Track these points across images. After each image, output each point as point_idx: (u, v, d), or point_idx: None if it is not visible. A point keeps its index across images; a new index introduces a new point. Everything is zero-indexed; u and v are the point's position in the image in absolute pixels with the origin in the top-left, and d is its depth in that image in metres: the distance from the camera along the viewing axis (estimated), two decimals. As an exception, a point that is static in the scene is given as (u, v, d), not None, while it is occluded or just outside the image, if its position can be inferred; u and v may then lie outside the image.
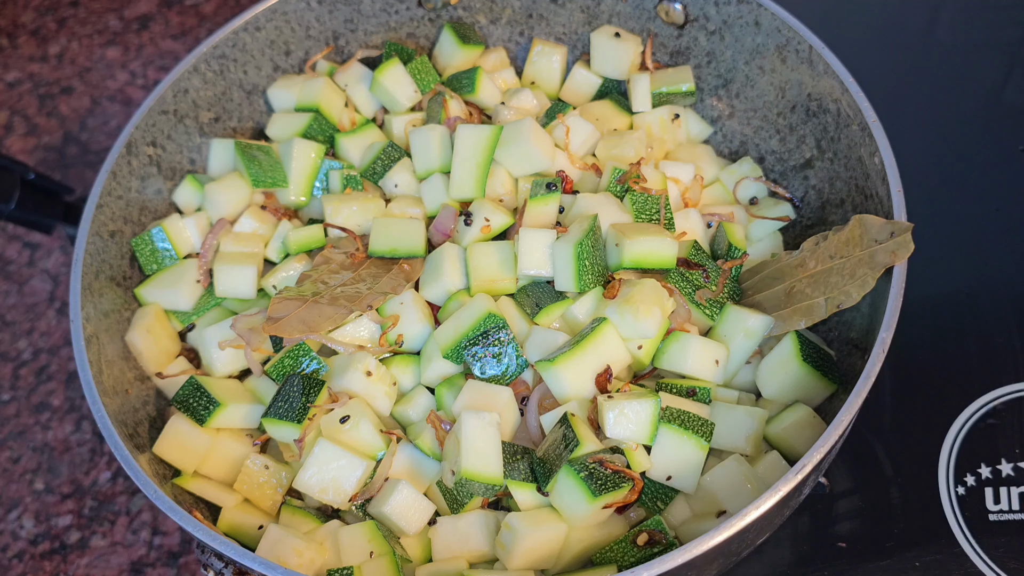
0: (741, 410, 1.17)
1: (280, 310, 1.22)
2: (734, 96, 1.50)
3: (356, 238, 1.35)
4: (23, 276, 1.86)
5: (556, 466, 1.09)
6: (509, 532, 1.10)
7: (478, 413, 1.12)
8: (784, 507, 1.07)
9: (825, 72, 1.31)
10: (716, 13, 1.45)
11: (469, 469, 1.09)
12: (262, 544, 1.12)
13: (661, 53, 1.55)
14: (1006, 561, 1.27)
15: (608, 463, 1.09)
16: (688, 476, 1.14)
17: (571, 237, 1.21)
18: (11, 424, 1.66)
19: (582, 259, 1.19)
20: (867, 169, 1.24)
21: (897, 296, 1.09)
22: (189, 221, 1.40)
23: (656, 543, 1.09)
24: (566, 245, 1.20)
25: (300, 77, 1.55)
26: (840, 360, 1.23)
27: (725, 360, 1.22)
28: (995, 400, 1.40)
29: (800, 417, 1.17)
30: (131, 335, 1.31)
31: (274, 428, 1.19)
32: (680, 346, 1.21)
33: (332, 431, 1.17)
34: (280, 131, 1.50)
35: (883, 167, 1.19)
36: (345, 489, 1.15)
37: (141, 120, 1.40)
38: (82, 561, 1.49)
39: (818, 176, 1.39)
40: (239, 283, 1.33)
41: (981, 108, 1.72)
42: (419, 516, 1.16)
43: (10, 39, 2.29)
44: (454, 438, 1.14)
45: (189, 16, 2.28)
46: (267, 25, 1.52)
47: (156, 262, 1.38)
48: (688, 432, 1.13)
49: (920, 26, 1.86)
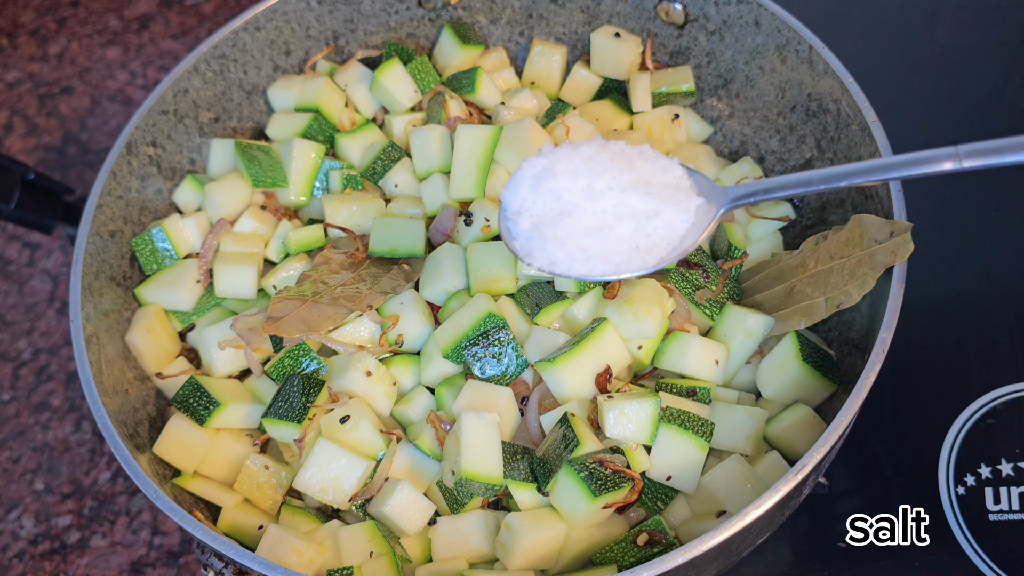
0: (741, 410, 1.17)
1: (280, 310, 1.22)
2: (734, 96, 1.50)
3: (356, 238, 1.35)
4: (23, 276, 1.86)
5: (556, 466, 1.09)
6: (509, 532, 1.10)
7: (478, 413, 1.12)
8: (784, 507, 1.07)
9: (825, 72, 1.31)
10: (716, 13, 1.45)
11: (469, 469, 1.09)
12: (262, 544, 1.12)
13: (661, 53, 1.55)
14: (1006, 561, 1.27)
15: (608, 463, 1.09)
16: (688, 476, 1.14)
17: None
18: (11, 424, 1.66)
19: None
20: None
21: (897, 296, 1.09)
22: (189, 221, 1.40)
23: (656, 543, 1.09)
24: None
25: (300, 77, 1.55)
26: (840, 360, 1.23)
27: (725, 360, 1.22)
28: (995, 400, 1.40)
29: (800, 417, 1.17)
30: (131, 335, 1.31)
31: (274, 428, 1.19)
32: (680, 346, 1.20)
33: (332, 431, 1.17)
34: (280, 131, 1.50)
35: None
36: (345, 489, 1.15)
37: (141, 120, 1.40)
38: (82, 561, 1.49)
39: (818, 176, 1.38)
40: (239, 283, 1.33)
41: (981, 108, 1.72)
42: (419, 516, 1.16)
43: (10, 39, 2.29)
44: (454, 438, 1.14)
45: (189, 16, 2.28)
46: (267, 25, 1.52)
47: (156, 262, 1.38)
48: (688, 432, 1.12)
49: (920, 26, 1.86)
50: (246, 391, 1.28)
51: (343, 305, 1.23)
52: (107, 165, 1.35)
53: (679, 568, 0.95)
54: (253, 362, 1.27)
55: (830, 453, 1.04)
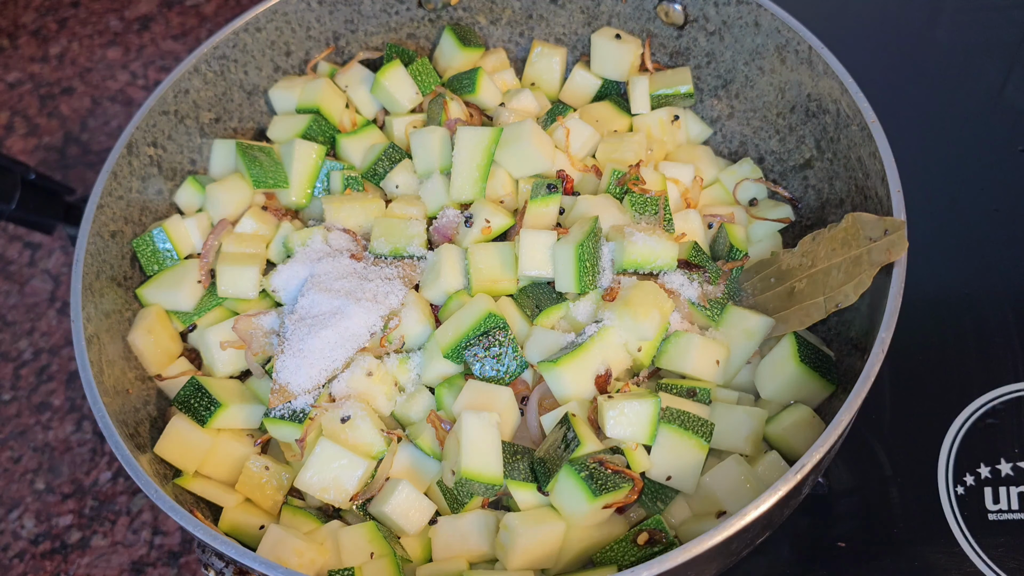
0: (741, 410, 1.18)
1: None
2: (734, 96, 1.51)
3: (357, 238, 1.35)
4: (24, 276, 1.86)
5: (556, 466, 1.10)
6: (507, 532, 1.10)
7: (478, 413, 1.13)
8: (784, 507, 1.07)
9: (825, 72, 1.31)
10: (716, 14, 1.46)
11: (469, 469, 1.10)
12: (263, 544, 1.12)
13: (661, 54, 1.55)
14: (1005, 561, 1.28)
15: (608, 463, 1.09)
16: (688, 476, 1.14)
17: (572, 238, 1.21)
18: (12, 424, 1.66)
19: (583, 260, 1.19)
20: (867, 169, 1.24)
21: (896, 296, 1.09)
22: (190, 222, 1.40)
23: (656, 542, 1.09)
24: (567, 246, 1.20)
25: (301, 78, 1.55)
26: (839, 360, 1.23)
27: (726, 360, 1.23)
28: (995, 400, 1.40)
29: (800, 417, 1.17)
30: (133, 336, 1.31)
31: (275, 428, 1.19)
32: (681, 346, 1.21)
33: (333, 431, 1.18)
34: (281, 132, 1.50)
35: (883, 168, 1.19)
36: (346, 488, 1.15)
37: (142, 120, 1.40)
38: (83, 561, 1.50)
39: (817, 176, 1.39)
40: (241, 283, 1.33)
41: (981, 108, 1.72)
42: (419, 516, 1.16)
43: (11, 39, 2.29)
44: (454, 438, 1.14)
45: (189, 16, 2.28)
46: (267, 26, 1.52)
47: (157, 263, 1.38)
48: (688, 432, 1.13)
49: (920, 26, 1.86)
50: (247, 391, 1.28)
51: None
52: (108, 165, 1.35)
53: (679, 568, 0.95)
54: (253, 363, 1.27)
55: (829, 453, 1.04)
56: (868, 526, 1.32)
